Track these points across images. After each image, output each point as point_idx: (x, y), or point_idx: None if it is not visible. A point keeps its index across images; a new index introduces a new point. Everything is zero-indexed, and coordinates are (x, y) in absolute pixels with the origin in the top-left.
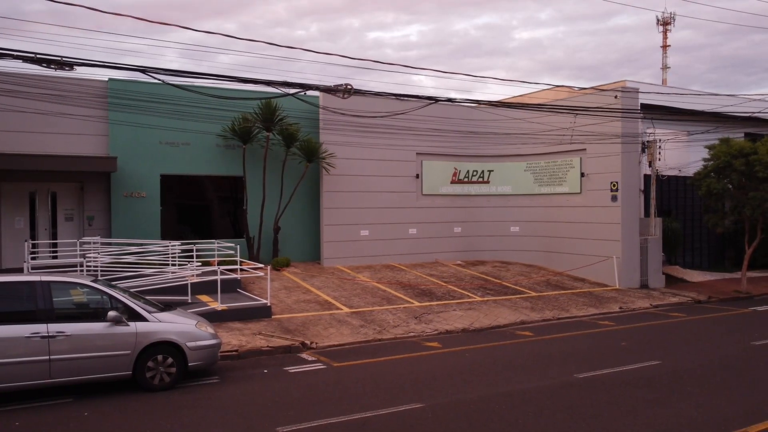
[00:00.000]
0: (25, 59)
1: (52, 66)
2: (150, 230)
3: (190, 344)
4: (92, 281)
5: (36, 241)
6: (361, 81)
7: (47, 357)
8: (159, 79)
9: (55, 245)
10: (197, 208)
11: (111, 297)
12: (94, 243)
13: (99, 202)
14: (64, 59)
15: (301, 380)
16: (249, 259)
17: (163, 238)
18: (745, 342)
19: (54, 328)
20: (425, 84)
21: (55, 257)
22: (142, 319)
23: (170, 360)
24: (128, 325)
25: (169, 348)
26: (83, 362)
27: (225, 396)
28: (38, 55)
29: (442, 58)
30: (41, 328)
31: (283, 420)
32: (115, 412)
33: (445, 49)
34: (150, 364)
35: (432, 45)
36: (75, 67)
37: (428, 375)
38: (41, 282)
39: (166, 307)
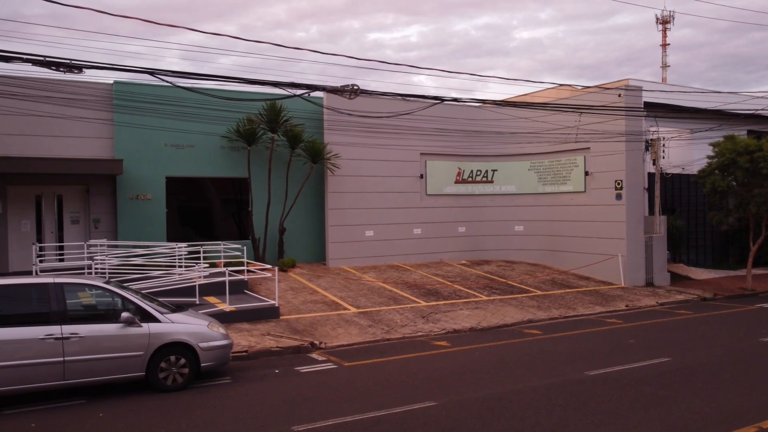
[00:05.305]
0: (35, 62)
1: (61, 69)
2: (156, 232)
3: (203, 345)
4: (104, 283)
5: (43, 244)
6: (363, 82)
7: (61, 358)
8: (168, 81)
9: (61, 248)
10: (202, 209)
11: (123, 298)
12: (101, 246)
13: (105, 204)
14: (72, 62)
15: (312, 380)
16: (254, 261)
17: (169, 240)
18: (753, 338)
19: (68, 329)
20: (426, 84)
21: (61, 260)
22: (155, 320)
23: (183, 360)
24: (141, 326)
25: (181, 349)
26: (97, 363)
27: (238, 396)
28: (47, 58)
29: (443, 59)
30: (55, 330)
31: (297, 419)
32: (130, 413)
33: (446, 50)
34: (163, 364)
35: (432, 46)
36: (83, 69)
37: (439, 373)
38: (54, 284)
39: (178, 308)
